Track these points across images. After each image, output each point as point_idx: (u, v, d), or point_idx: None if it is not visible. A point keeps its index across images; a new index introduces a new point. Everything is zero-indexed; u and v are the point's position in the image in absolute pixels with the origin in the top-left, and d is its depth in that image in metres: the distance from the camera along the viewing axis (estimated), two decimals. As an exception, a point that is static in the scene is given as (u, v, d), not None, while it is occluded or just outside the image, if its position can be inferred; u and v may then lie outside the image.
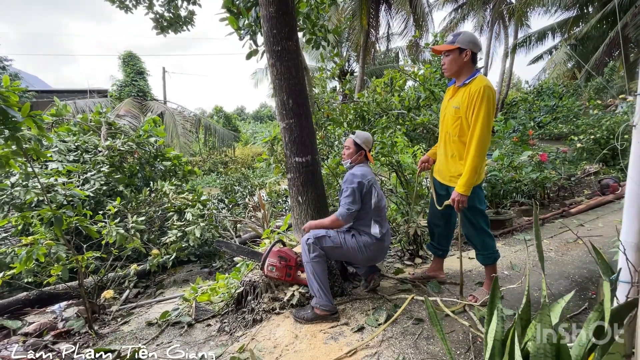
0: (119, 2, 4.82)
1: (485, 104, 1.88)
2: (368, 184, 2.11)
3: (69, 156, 4.02)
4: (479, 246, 2.22)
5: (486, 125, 1.89)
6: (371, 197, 2.11)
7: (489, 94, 1.89)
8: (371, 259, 2.22)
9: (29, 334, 2.22)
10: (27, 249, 2.03)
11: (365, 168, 2.20)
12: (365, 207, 2.12)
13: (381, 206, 2.18)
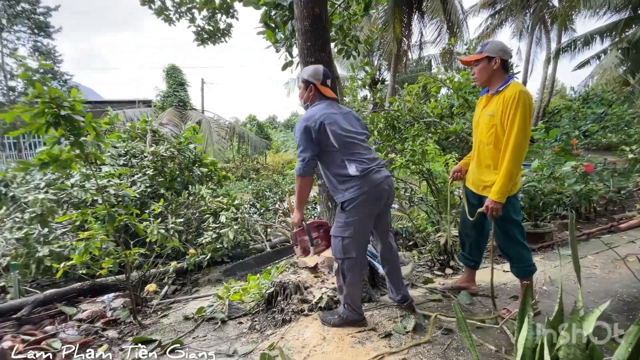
0: (164, 16, 5.25)
1: (521, 108, 1.84)
2: (316, 123, 1.83)
3: (119, 160, 4.40)
4: (514, 258, 2.15)
5: (522, 131, 1.84)
6: (328, 136, 1.83)
7: (524, 98, 1.85)
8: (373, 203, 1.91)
9: (83, 320, 2.45)
10: (85, 243, 2.26)
11: (317, 107, 1.93)
12: (327, 149, 1.87)
13: (348, 141, 1.87)
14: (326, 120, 1.84)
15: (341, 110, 2.01)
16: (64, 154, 2.14)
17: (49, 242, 3.38)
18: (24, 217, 3.43)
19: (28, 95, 7.13)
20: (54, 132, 2.13)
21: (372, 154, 1.97)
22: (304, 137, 1.84)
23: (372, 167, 1.88)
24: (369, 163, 1.88)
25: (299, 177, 1.89)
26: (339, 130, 1.85)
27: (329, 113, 1.88)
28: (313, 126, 1.83)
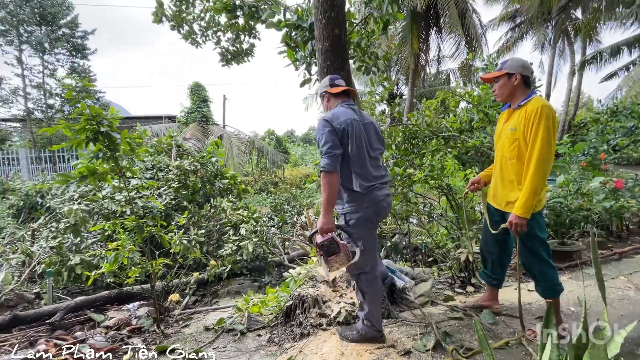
0: (192, 39, 5.57)
1: (544, 121, 1.82)
2: (340, 126, 1.79)
3: (146, 174, 4.61)
4: (539, 277, 2.08)
5: (546, 144, 1.81)
6: (348, 144, 1.80)
7: (547, 112, 1.83)
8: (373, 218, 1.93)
9: (110, 327, 2.55)
10: (115, 253, 2.39)
11: (340, 109, 1.90)
12: (344, 156, 1.81)
13: (361, 154, 1.84)
14: (349, 128, 1.80)
15: (363, 119, 1.95)
16: (100, 167, 2.29)
17: (80, 251, 3.57)
18: (59, 227, 3.64)
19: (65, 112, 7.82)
20: (92, 146, 2.30)
21: (379, 170, 1.95)
22: (329, 134, 1.77)
23: (375, 184, 1.87)
24: (372, 181, 1.87)
25: (328, 173, 1.73)
26: (357, 142, 1.83)
27: (353, 119, 1.84)
28: (338, 127, 1.79)
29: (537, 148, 1.82)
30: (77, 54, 14.82)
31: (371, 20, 4.12)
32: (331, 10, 2.58)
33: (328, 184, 1.73)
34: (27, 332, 2.43)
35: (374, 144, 1.97)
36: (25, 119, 13.79)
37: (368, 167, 1.88)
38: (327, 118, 1.82)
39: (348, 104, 1.96)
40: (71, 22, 14.49)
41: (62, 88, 13.94)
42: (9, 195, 6.25)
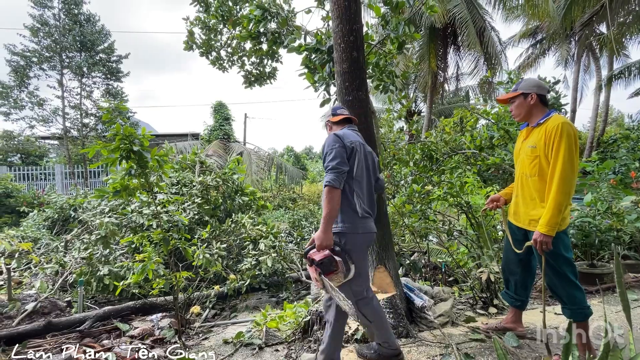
0: (219, 65, 5.91)
1: (565, 138, 1.82)
2: (350, 144, 1.82)
3: (171, 189, 4.83)
4: (565, 299, 2.01)
5: (568, 161, 1.80)
6: (354, 163, 1.83)
7: (568, 129, 1.83)
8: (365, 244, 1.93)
9: (134, 337, 2.65)
10: (142, 264, 2.51)
11: (346, 130, 1.94)
12: (348, 175, 1.82)
13: (364, 180, 1.89)
14: (357, 148, 1.85)
15: (365, 146, 1.99)
16: (131, 183, 2.46)
17: (109, 262, 3.74)
18: (90, 239, 3.85)
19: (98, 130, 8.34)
20: (125, 164, 2.48)
21: (373, 203, 1.97)
22: (340, 149, 1.78)
23: (370, 214, 1.90)
24: (368, 210, 1.89)
25: (333, 188, 1.71)
26: (361, 164, 1.87)
27: (360, 142, 1.90)
28: (348, 145, 1.82)
29: (559, 165, 1.82)
30: (112, 76, 15.89)
31: (388, 41, 4.25)
32: (350, 35, 2.71)
33: (331, 200, 1.71)
34: (59, 339, 2.56)
35: (371, 173, 2.00)
36: (62, 137, 14.78)
37: (365, 194, 1.90)
38: (339, 134, 1.84)
39: (353, 129, 2.00)
40: (108, 48, 15.64)
41: (98, 109, 14.94)
42: (44, 208, 6.68)
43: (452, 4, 11.42)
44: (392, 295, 2.46)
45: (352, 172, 1.82)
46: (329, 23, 4.42)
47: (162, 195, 4.37)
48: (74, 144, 15.15)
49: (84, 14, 15.07)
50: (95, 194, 2.53)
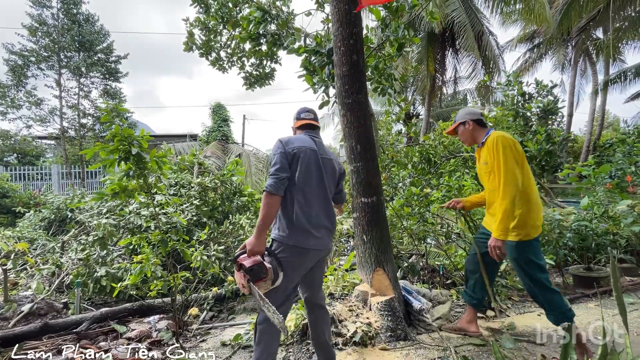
0: (219, 65, 5.92)
1: (501, 149, 2.01)
2: (292, 150, 1.76)
3: (169, 190, 4.81)
4: (546, 305, 2.08)
5: (510, 170, 1.98)
6: (296, 169, 1.74)
7: (502, 141, 2.03)
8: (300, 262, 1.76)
9: (131, 339, 2.63)
10: (140, 266, 2.50)
11: (298, 136, 1.88)
12: (290, 182, 1.75)
13: (309, 187, 1.77)
14: (301, 154, 1.76)
15: (324, 153, 1.89)
16: (130, 184, 2.45)
17: (106, 264, 3.72)
18: (88, 240, 3.83)
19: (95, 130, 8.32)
20: (123, 165, 2.47)
21: (324, 214, 1.81)
22: (280, 156, 1.74)
23: (309, 229, 1.74)
24: (312, 222, 1.75)
25: (270, 194, 1.67)
26: (306, 171, 1.77)
27: (308, 148, 1.80)
28: (289, 151, 1.76)
29: (502, 174, 1.99)
30: (110, 77, 15.85)
31: (387, 45, 4.28)
32: (350, 38, 2.73)
33: (267, 205, 1.67)
34: (56, 341, 2.54)
35: (326, 181, 1.85)
36: (59, 137, 14.70)
37: (315, 205, 1.78)
38: (283, 140, 1.80)
39: (309, 134, 1.92)
40: (106, 48, 15.60)
41: (97, 110, 14.88)
42: (41, 209, 6.63)
43: (451, 9, 11.50)
44: (391, 298, 2.46)
45: (293, 180, 1.74)
46: (328, 26, 4.44)
47: (160, 197, 4.37)
48: (71, 144, 15.08)
49: (83, 13, 15.03)
50: (94, 197, 2.52)
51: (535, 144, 5.70)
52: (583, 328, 2.45)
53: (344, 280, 2.94)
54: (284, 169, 1.72)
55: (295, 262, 1.75)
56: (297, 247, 1.73)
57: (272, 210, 1.68)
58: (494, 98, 13.67)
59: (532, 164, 6.14)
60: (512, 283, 2.95)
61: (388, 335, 2.35)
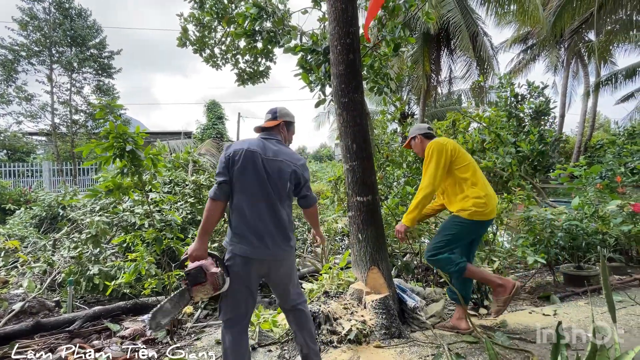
0: (212, 62, 5.88)
1: (432, 154, 2.35)
2: (229, 155, 1.68)
3: (164, 188, 4.78)
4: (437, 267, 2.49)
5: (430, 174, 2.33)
6: (233, 173, 1.67)
7: (435, 146, 2.35)
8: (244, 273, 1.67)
9: (125, 337, 2.62)
10: (135, 264, 2.49)
11: (246, 139, 1.82)
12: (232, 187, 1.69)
13: (247, 192, 1.67)
14: (236, 157, 1.68)
15: (270, 154, 1.74)
16: (125, 182, 2.43)
17: (99, 262, 3.69)
18: (81, 237, 3.79)
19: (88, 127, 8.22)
20: (118, 162, 2.45)
21: (265, 221, 1.68)
22: (220, 161, 1.72)
23: (248, 237, 1.66)
24: (246, 231, 1.66)
25: (210, 199, 1.67)
26: (241, 175, 1.67)
27: (247, 150, 1.69)
28: (227, 155, 1.70)
29: (425, 174, 2.37)
30: (103, 72, 15.64)
31: (383, 44, 4.29)
32: (346, 37, 2.73)
33: (207, 211, 1.66)
34: (48, 339, 2.51)
35: (272, 186, 1.71)
36: (50, 133, 14.49)
37: (253, 210, 1.67)
38: (231, 144, 1.79)
39: (262, 136, 1.84)
40: (99, 44, 15.39)
41: (90, 106, 14.67)
42: (32, 206, 6.53)
43: (446, 9, 11.56)
44: (385, 296, 2.48)
45: (232, 184, 1.68)
46: (325, 24, 4.44)
47: (154, 194, 4.34)
48: (63, 141, 14.87)
49: (75, 8, 14.81)
50: (88, 194, 2.50)
51: (528, 145, 5.77)
52: (573, 326, 2.50)
53: (338, 279, 2.96)
54: (222, 174, 1.68)
55: (239, 272, 1.67)
56: (238, 256, 1.66)
57: (211, 215, 1.66)
58: (488, 98, 13.80)
59: (525, 164, 6.22)
60: (504, 281, 3.00)
61: (382, 332, 2.37)
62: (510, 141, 6.13)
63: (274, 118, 1.91)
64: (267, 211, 1.70)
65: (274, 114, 1.92)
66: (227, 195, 1.69)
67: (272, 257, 1.72)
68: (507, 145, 5.59)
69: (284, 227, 1.74)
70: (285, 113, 1.96)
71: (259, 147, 1.73)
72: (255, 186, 1.68)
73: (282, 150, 1.80)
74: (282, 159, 1.76)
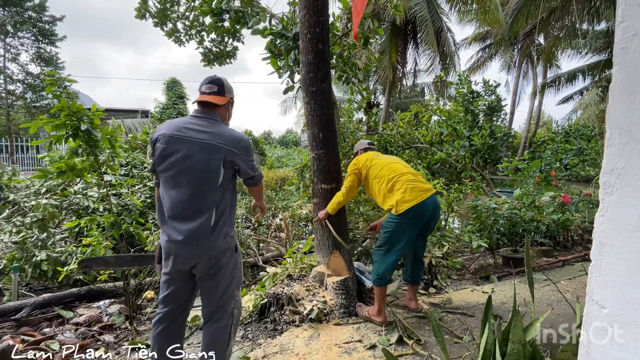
0: (175, 37, 5.54)
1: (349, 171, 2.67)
2: (152, 140, 1.57)
3: (120, 170, 4.53)
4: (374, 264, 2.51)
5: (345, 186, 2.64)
6: (155, 156, 1.55)
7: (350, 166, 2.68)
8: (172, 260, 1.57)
9: (80, 324, 2.53)
10: (91, 249, 2.39)
11: (173, 120, 1.63)
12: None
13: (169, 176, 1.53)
14: (158, 143, 1.53)
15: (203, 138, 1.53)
16: (79, 163, 2.30)
17: (46, 247, 3.46)
18: (24, 221, 3.51)
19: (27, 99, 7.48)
20: (71, 142, 2.30)
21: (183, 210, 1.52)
22: (150, 147, 1.61)
23: (166, 230, 1.54)
24: (165, 222, 1.55)
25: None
26: (162, 159, 1.53)
27: (168, 134, 1.53)
28: (152, 140, 1.58)
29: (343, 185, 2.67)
30: (44, 39, 14.01)
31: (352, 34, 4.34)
32: (316, 26, 2.75)
33: (156, 198, 1.65)
34: (-9, 328, 2.36)
35: (198, 173, 1.52)
36: (-20, 104, 12.83)
37: (180, 194, 1.52)
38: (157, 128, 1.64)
39: (196, 114, 1.63)
40: (38, 6, 13.70)
41: (29, 76, 13.09)
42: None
43: (414, 2, 11.81)
44: (345, 278, 2.65)
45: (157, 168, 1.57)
46: (295, 8, 4.38)
47: (109, 177, 4.10)
48: (-4, 114, 13.25)
49: (9, -39, 12.98)
50: (37, 175, 2.33)
51: (480, 139, 6.23)
52: (505, 301, 2.85)
53: (302, 262, 3.07)
54: (153, 162, 1.58)
55: (164, 263, 1.61)
56: (165, 242, 1.56)
57: (158, 202, 1.61)
58: (449, 93, 14.49)
59: (477, 157, 6.73)
60: (452, 264, 3.31)
61: (342, 311, 2.54)
62: (465, 135, 6.58)
63: (221, 93, 1.66)
64: (189, 201, 1.51)
65: (221, 87, 1.67)
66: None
67: (189, 253, 1.54)
68: (462, 139, 6.01)
69: (209, 219, 1.52)
70: (231, 88, 1.74)
71: (186, 130, 1.54)
72: (177, 174, 1.52)
73: (217, 132, 1.56)
74: (213, 142, 1.53)
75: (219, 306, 1.66)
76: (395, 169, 2.47)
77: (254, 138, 22.76)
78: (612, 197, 0.65)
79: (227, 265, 1.63)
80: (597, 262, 0.67)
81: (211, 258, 1.56)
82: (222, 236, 1.56)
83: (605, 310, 0.64)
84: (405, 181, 2.37)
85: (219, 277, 1.61)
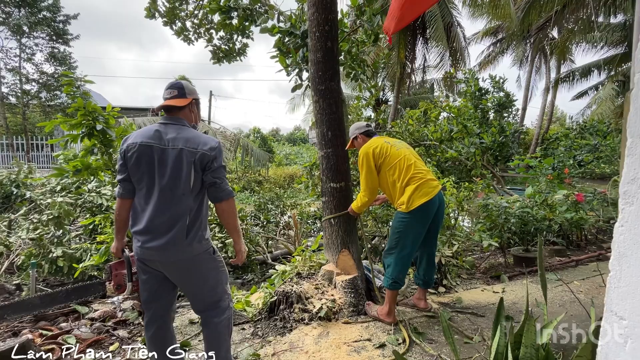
0: (184, 36, 5.59)
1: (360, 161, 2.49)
2: (122, 150, 1.57)
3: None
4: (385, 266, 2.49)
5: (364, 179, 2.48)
6: (126, 168, 1.56)
7: (360, 153, 2.49)
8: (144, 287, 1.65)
9: (95, 319, 2.60)
10: (105, 246, 2.44)
11: (142, 129, 1.62)
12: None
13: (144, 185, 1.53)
14: (129, 153, 1.54)
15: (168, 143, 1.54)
16: (94, 162, 2.35)
17: (62, 244, 3.55)
18: (41, 219, 3.61)
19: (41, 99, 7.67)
20: (87, 141, 2.36)
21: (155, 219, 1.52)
22: (119, 158, 1.60)
23: (138, 238, 1.55)
24: (136, 231, 1.55)
25: (116, 198, 1.64)
26: (136, 169, 1.53)
27: (139, 144, 1.54)
28: (122, 150, 1.58)
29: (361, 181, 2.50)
30: (58, 39, 14.27)
31: (360, 30, 4.31)
32: (325, 24, 2.74)
33: (115, 208, 1.67)
34: (11, 323, 2.44)
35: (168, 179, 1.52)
36: (-3, 104, 13.18)
37: (145, 208, 1.54)
38: (125, 138, 1.63)
39: (163, 121, 1.61)
40: (52, 5, 13.95)
41: (43, 75, 13.38)
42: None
43: (423, -4, 11.63)
44: (354, 276, 2.65)
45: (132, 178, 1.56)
46: (303, 5, 4.36)
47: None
48: (12, 113, 13.59)
49: (23, -37, 13.24)
50: (54, 173, 2.39)
51: (490, 137, 6.13)
52: (517, 301, 2.82)
53: (311, 261, 3.08)
54: (120, 171, 1.59)
55: (140, 274, 1.64)
56: (136, 257, 1.61)
57: (117, 214, 1.64)
58: (458, 89, 14.28)
59: (487, 154, 6.63)
60: (461, 263, 3.28)
61: (350, 310, 2.55)
62: (475, 132, 6.49)
63: (182, 96, 1.64)
64: (162, 208, 1.52)
65: (181, 90, 1.65)
66: (131, 191, 1.59)
67: (165, 258, 1.55)
68: (472, 136, 5.92)
69: (183, 225, 1.53)
70: (193, 89, 1.73)
71: (156, 138, 1.54)
72: (150, 182, 1.53)
73: (185, 136, 1.56)
74: (182, 147, 1.53)
75: (214, 301, 1.70)
76: (411, 162, 2.39)
77: (262, 135, 22.89)
78: (633, 207, 0.64)
79: (207, 263, 1.65)
80: (617, 272, 0.66)
81: (187, 260, 1.58)
82: (197, 240, 1.57)
83: (625, 321, 0.63)
84: (419, 178, 2.35)
85: (201, 273, 1.64)
